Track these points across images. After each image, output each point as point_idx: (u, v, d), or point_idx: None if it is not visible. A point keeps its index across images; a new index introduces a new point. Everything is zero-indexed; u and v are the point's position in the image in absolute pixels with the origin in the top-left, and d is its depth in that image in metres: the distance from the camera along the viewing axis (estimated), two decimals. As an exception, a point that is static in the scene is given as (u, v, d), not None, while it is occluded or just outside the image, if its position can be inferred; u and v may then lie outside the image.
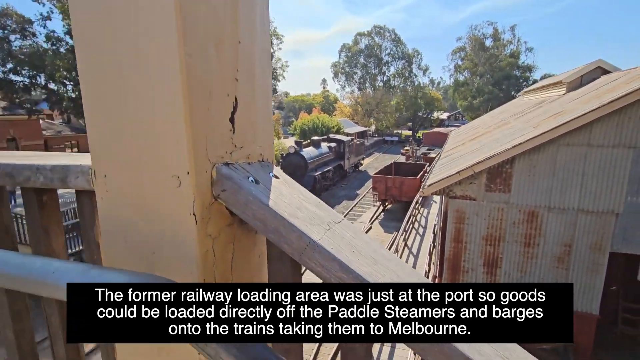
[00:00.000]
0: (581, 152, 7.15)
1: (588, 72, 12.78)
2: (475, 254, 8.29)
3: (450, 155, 12.67)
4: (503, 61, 66.23)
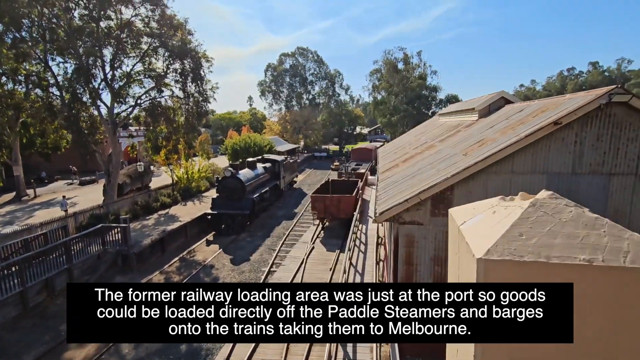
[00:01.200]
0: (506, 178, 8.28)
1: (494, 101, 14.76)
2: (426, 274, 9.00)
3: (389, 177, 13.57)
4: (413, 82, 72.79)
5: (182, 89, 23.40)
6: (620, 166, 7.80)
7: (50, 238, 15.64)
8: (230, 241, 22.20)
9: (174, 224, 21.78)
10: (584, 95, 8.35)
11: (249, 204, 24.20)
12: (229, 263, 18.96)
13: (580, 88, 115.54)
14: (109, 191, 23.42)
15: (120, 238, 17.19)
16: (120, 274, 16.82)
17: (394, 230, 9.10)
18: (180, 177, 29.59)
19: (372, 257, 17.41)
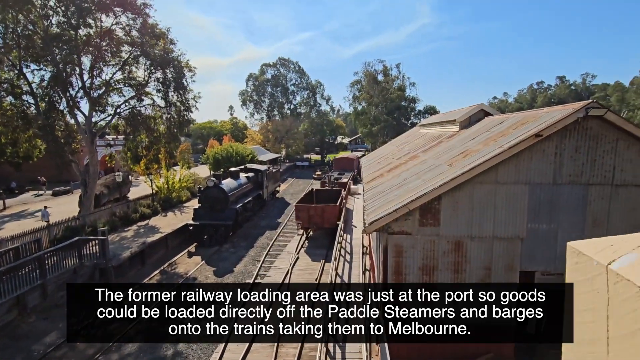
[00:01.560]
0: (491, 188, 8.53)
1: (474, 113, 15.23)
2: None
3: (375, 187, 13.71)
4: (393, 94, 74.36)
5: (163, 98, 23.03)
6: (597, 177, 8.17)
7: (22, 252, 14.95)
8: (213, 252, 21.78)
9: (154, 235, 21.22)
10: (561, 109, 8.74)
11: (232, 214, 23.87)
12: (212, 275, 18.57)
13: (549, 101, 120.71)
14: (86, 202, 22.65)
15: (98, 251, 16.60)
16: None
17: (382, 241, 9.18)
18: (160, 187, 28.94)
19: (358, 266, 17.45)
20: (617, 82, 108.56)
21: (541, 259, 8.63)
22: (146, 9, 22.56)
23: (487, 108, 14.94)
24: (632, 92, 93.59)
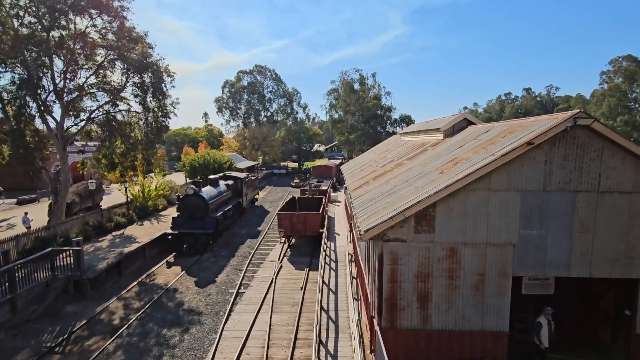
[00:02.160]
0: (484, 195, 8.69)
1: (458, 122, 15.62)
2: (409, 291, 9.10)
3: (363, 195, 13.72)
4: (369, 102, 75.51)
5: (141, 104, 22.30)
6: (584, 184, 8.49)
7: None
8: (193, 262, 21.11)
9: (131, 245, 20.34)
10: (549, 118, 9.07)
11: (212, 222, 23.28)
12: (193, 286, 17.95)
13: (517, 111, 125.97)
14: (57, 211, 21.49)
15: (73, 262, 15.72)
16: (71, 302, 15.29)
17: (377, 248, 9.15)
18: (135, 196, 27.90)
19: (343, 274, 17.35)
20: (579, 94, 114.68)
21: (532, 265, 8.83)
22: (123, 12, 21.93)
23: (470, 117, 15.36)
24: (592, 104, 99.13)
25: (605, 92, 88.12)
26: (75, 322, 13.98)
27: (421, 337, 9.16)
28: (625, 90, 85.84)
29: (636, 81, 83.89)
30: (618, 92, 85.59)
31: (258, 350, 12.21)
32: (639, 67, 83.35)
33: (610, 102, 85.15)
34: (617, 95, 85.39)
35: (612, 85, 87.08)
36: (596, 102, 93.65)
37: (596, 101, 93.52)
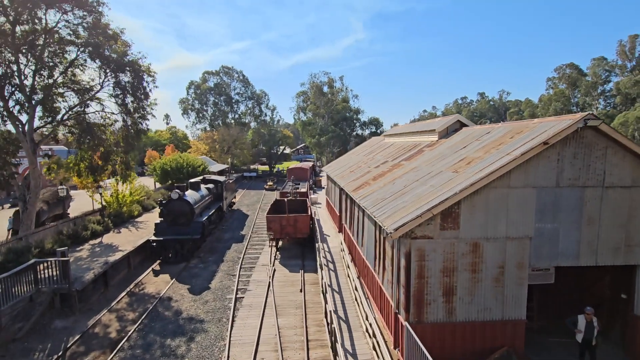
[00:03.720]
0: (504, 192, 9.25)
1: (451, 124, 16.34)
2: (435, 286, 9.45)
3: (369, 195, 13.99)
4: (339, 105, 76.57)
5: (121, 104, 21.21)
6: (591, 180, 9.28)
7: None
8: (182, 269, 20.38)
9: (114, 254, 19.26)
10: (554, 120, 9.81)
11: (198, 227, 22.59)
12: (187, 293, 17.35)
13: (472, 114, 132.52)
14: (26, 220, 19.90)
15: (58, 274, 14.66)
16: (59, 317, 14.25)
17: (403, 246, 9.42)
18: (109, 202, 26.44)
19: (343, 274, 17.52)
20: (527, 99, 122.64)
21: (546, 256, 9.51)
22: (99, 7, 20.80)
23: (463, 119, 16.13)
24: (540, 108, 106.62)
25: (552, 97, 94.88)
26: (67, 337, 13.06)
27: (447, 330, 9.54)
28: (569, 96, 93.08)
29: (578, 87, 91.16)
30: (562, 97, 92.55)
31: (272, 355, 12.08)
32: (580, 74, 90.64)
33: (556, 106, 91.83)
34: (562, 100, 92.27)
35: (557, 90, 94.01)
36: (543, 106, 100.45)
37: (543, 105, 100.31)
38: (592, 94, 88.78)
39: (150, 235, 22.92)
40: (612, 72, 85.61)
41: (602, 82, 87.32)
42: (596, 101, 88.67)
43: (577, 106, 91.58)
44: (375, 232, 12.83)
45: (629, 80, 73.88)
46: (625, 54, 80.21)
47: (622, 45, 79.43)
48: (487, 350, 9.56)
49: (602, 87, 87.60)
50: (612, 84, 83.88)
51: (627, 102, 78.54)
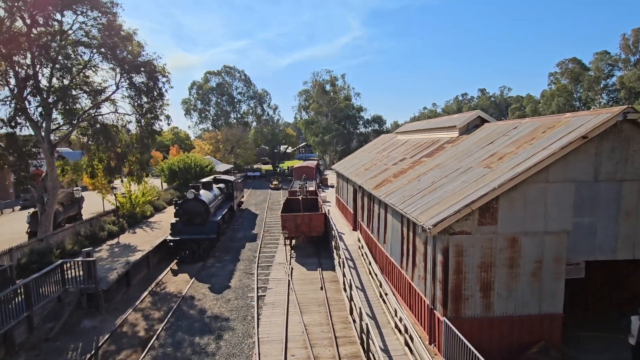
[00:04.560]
0: (542, 187, 9.27)
1: (472, 119, 16.34)
2: (473, 281, 9.48)
3: (394, 193, 14.01)
4: (341, 103, 76.50)
5: (138, 105, 21.21)
6: (628, 174, 9.30)
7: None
8: (200, 268, 20.43)
9: (134, 254, 19.31)
10: (590, 113, 9.82)
11: (214, 227, 22.62)
12: (209, 292, 17.39)
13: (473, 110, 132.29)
14: (44, 222, 19.92)
15: (83, 274, 14.70)
16: (87, 317, 14.28)
17: (441, 242, 9.45)
18: (123, 202, 26.46)
19: (363, 271, 17.55)
20: (528, 94, 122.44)
21: (584, 250, 9.54)
22: (113, 8, 20.80)
23: (484, 115, 16.12)
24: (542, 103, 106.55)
25: (554, 92, 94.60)
26: (97, 337, 13.11)
27: (484, 325, 9.58)
28: (571, 91, 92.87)
29: (580, 82, 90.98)
30: (565, 92, 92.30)
31: (302, 352, 12.12)
32: (583, 69, 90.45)
33: (559, 101, 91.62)
34: (565, 95, 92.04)
35: (560, 85, 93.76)
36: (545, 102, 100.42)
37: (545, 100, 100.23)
38: (594, 89, 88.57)
39: (164, 235, 22.97)
40: (615, 66, 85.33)
41: (605, 77, 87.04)
42: (599, 96, 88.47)
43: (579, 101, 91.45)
44: (402, 228, 12.85)
45: (633, 74, 73.72)
46: (628, 48, 80.00)
47: (626, 39, 79.22)
48: (524, 345, 9.60)
49: (605, 81, 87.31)
50: (616, 78, 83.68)
51: (631, 96, 78.41)
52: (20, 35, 18.01)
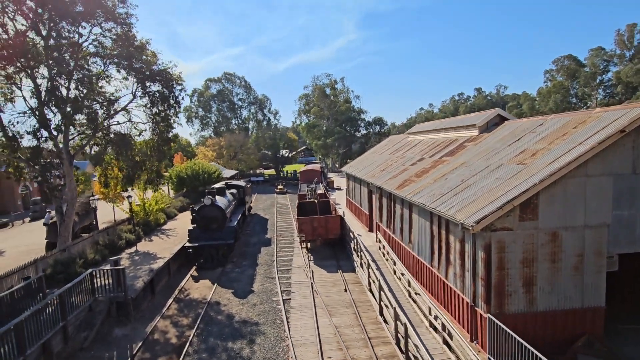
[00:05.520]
0: (582, 181, 9.40)
1: (491, 118, 16.49)
2: (516, 277, 9.57)
3: (421, 192, 14.11)
4: (342, 106, 76.78)
5: (156, 114, 21.26)
6: (665, 166, 9.44)
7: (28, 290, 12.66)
8: (220, 274, 20.43)
9: (155, 261, 19.29)
10: (622, 108, 9.97)
11: (232, 232, 22.65)
12: (233, 297, 17.39)
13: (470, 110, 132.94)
14: (64, 232, 19.88)
15: (112, 283, 14.69)
16: (118, 325, 14.25)
17: (482, 239, 9.53)
18: (137, 211, 26.44)
19: (386, 272, 17.61)
20: (524, 92, 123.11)
21: (624, 242, 9.66)
22: (129, 19, 20.90)
23: (503, 113, 16.28)
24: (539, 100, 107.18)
25: (551, 90, 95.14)
26: (130, 345, 13.07)
27: (528, 320, 9.66)
28: (568, 87, 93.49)
29: (576, 78, 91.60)
30: (562, 89, 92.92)
31: (338, 353, 12.15)
32: (578, 66, 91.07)
33: (556, 98, 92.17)
34: (561, 91, 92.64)
35: (556, 82, 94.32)
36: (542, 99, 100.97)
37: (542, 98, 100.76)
38: (591, 85, 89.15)
39: (181, 242, 22.97)
40: (610, 61, 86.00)
41: (601, 72, 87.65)
42: (595, 91, 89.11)
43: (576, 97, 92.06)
44: (432, 227, 12.94)
45: (630, 69, 74.35)
46: (623, 43, 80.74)
47: (621, 34, 79.99)
48: (567, 339, 9.68)
49: (601, 77, 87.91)
50: (612, 73, 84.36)
51: (628, 91, 79.04)
52: (35, 46, 18.08)
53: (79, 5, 18.99)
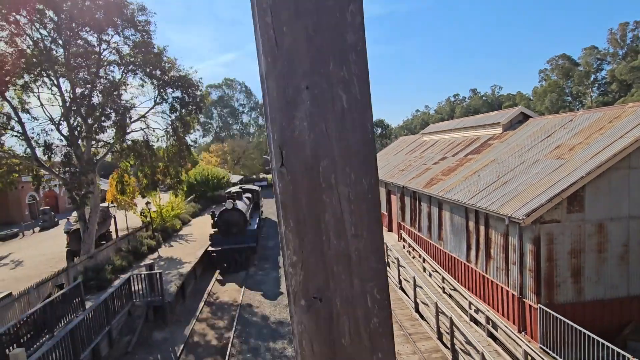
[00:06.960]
0: (625, 173, 9.72)
1: (515, 116, 16.85)
2: (564, 268, 9.85)
3: (454, 189, 14.38)
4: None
5: (176, 119, 21.40)
6: (703, 156, 9.79)
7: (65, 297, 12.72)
8: (245, 277, 20.54)
9: (182, 266, 19.38)
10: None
11: (253, 235, 22.79)
12: (263, 299, 17.54)
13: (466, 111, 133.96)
14: (87, 239, 19.89)
15: (147, 287, 14.78)
16: (156, 329, 14.33)
17: (531, 231, 9.81)
18: (154, 217, 26.48)
19: (416, 269, 17.80)
20: (519, 92, 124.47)
21: (667, 231, 9.99)
22: (148, 26, 21.09)
23: (526, 110, 16.67)
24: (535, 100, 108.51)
25: (546, 89, 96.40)
26: (172, 348, 13.18)
27: (576, 310, 9.92)
28: (563, 86, 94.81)
29: (571, 77, 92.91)
30: (557, 88, 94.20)
31: (381, 350, 12.30)
32: (572, 65, 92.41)
33: (552, 97, 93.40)
34: (557, 90, 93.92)
35: (551, 82, 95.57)
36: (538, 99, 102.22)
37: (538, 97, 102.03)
38: (585, 83, 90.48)
39: (201, 247, 23.05)
40: (604, 60, 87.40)
41: (595, 71, 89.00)
42: (590, 90, 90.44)
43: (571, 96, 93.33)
44: (468, 223, 13.21)
45: (624, 67, 75.63)
46: (616, 42, 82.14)
47: (613, 33, 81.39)
48: (614, 327, 9.96)
49: (595, 75, 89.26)
50: (605, 72, 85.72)
51: (622, 88, 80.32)
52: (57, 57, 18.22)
53: (99, 12, 19.20)
